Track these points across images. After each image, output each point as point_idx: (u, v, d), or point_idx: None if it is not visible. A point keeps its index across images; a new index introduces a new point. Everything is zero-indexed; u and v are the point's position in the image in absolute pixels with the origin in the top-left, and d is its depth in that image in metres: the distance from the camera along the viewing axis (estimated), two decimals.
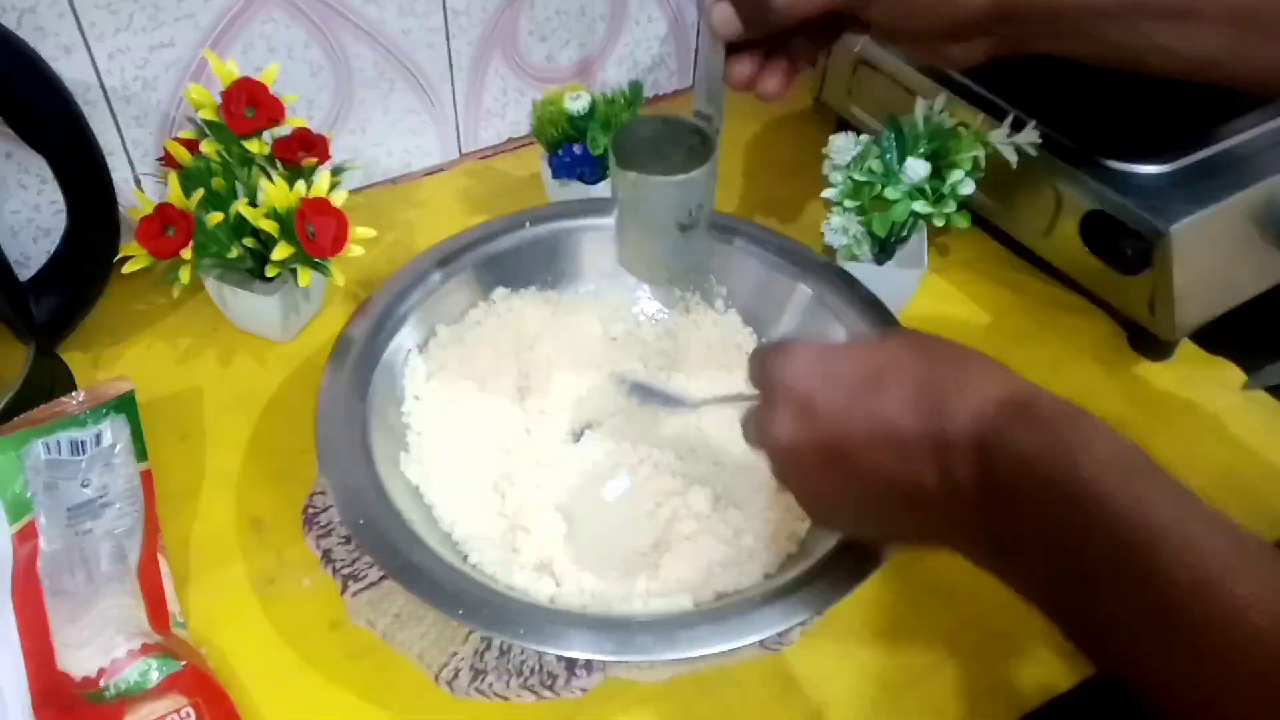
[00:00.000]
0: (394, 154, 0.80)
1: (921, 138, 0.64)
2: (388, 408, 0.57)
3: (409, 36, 0.74)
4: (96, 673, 0.46)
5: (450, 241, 0.64)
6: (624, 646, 0.44)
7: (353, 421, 0.53)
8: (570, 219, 0.67)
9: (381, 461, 0.52)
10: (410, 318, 0.60)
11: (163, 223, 0.59)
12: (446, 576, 0.47)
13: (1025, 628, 0.53)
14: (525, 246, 0.65)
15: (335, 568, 0.53)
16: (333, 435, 0.52)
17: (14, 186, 0.65)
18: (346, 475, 0.50)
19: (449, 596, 0.45)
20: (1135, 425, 0.63)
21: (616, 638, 0.45)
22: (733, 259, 0.65)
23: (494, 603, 0.46)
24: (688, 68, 0.91)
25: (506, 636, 0.45)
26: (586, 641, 0.45)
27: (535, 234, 0.65)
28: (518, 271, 0.65)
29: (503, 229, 0.65)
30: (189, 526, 0.57)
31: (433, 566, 0.47)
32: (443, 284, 0.62)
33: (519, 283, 0.65)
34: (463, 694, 0.48)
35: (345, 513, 0.49)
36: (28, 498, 0.52)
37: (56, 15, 0.60)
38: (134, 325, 0.68)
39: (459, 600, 0.45)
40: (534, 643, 0.44)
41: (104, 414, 0.56)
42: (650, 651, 0.44)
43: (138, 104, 0.67)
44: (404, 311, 0.60)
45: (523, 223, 0.65)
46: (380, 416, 0.55)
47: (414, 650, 0.50)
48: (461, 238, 0.64)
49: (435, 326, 0.62)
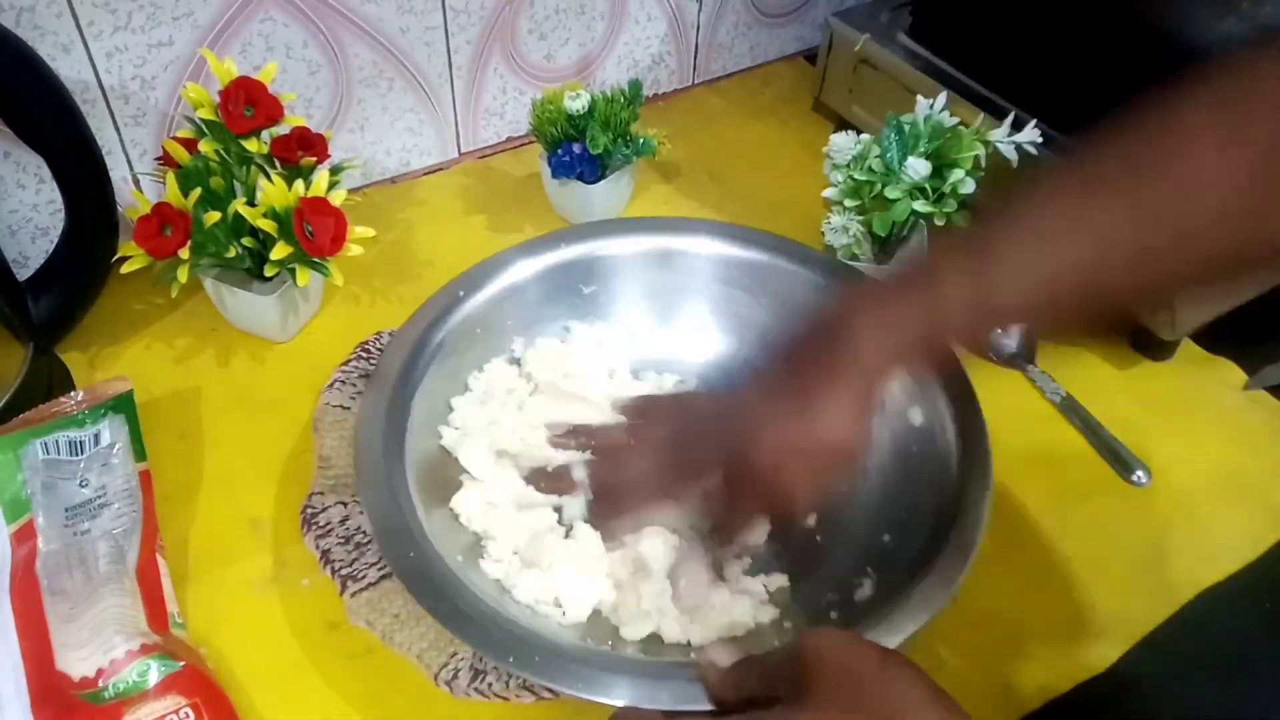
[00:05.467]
0: (393, 153, 0.80)
1: (922, 137, 0.64)
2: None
3: (408, 35, 0.74)
4: (95, 673, 0.46)
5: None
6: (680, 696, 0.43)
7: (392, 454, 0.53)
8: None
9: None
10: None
11: (160, 222, 0.59)
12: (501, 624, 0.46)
13: (1025, 628, 0.53)
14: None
15: (334, 568, 0.53)
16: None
17: (12, 186, 0.65)
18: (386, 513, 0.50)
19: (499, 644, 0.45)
20: (1136, 425, 0.63)
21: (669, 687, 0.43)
22: None
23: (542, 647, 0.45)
24: (687, 67, 0.91)
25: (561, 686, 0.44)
26: (639, 692, 0.43)
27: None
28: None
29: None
30: (188, 526, 0.57)
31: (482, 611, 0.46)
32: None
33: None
34: (462, 694, 0.48)
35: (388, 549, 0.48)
36: (26, 498, 0.52)
37: (55, 14, 0.60)
38: (132, 325, 0.68)
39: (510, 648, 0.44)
40: (580, 691, 0.43)
41: (102, 414, 0.56)
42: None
43: (136, 103, 0.66)
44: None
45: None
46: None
47: (413, 650, 0.50)
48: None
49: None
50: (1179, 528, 0.58)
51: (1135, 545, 0.57)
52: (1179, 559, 0.57)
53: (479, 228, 0.77)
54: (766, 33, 0.93)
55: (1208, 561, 0.56)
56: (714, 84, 0.93)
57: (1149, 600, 0.55)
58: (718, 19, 0.89)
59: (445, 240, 0.75)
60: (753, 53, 0.94)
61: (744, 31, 0.92)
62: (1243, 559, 0.57)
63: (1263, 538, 0.58)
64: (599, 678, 0.43)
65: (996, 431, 0.61)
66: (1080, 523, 0.59)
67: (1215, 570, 0.56)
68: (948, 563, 0.48)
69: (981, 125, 0.65)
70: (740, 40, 0.92)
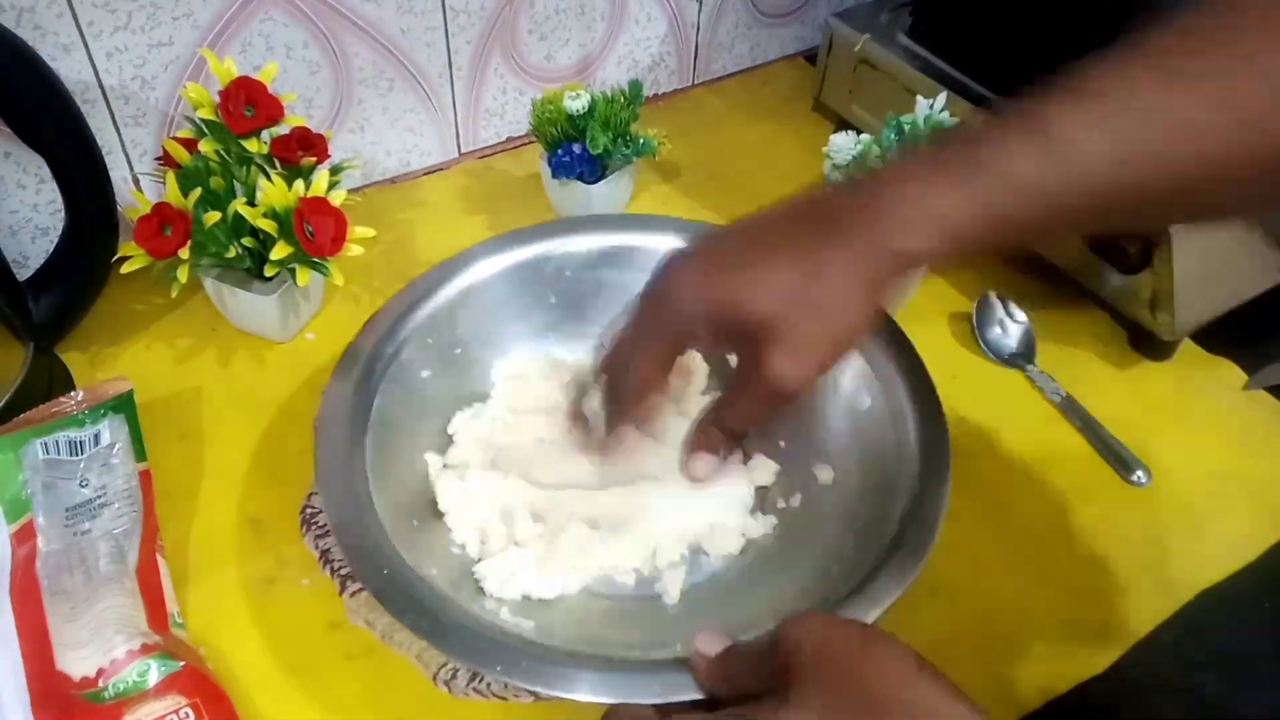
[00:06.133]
0: (393, 153, 0.80)
1: (922, 137, 0.64)
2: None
3: (408, 35, 0.74)
4: (95, 673, 0.46)
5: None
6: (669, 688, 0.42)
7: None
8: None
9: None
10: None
11: (160, 222, 0.59)
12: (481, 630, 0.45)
13: (1025, 628, 0.53)
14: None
15: (334, 568, 0.53)
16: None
17: (12, 186, 0.65)
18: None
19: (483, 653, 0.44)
20: (1136, 425, 0.63)
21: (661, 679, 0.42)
22: None
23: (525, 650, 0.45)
24: (687, 67, 0.91)
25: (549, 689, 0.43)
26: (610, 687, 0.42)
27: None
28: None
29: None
30: (188, 526, 0.57)
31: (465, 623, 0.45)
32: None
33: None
34: (461, 694, 0.48)
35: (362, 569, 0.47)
36: (26, 498, 0.52)
37: (55, 14, 0.60)
38: (132, 325, 0.68)
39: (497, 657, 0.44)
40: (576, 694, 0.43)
41: (102, 414, 0.56)
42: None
43: (136, 103, 0.67)
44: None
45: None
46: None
47: (412, 650, 0.50)
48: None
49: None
50: (1179, 528, 0.58)
51: (1135, 545, 0.57)
52: (1179, 559, 0.57)
53: (479, 228, 0.77)
54: (766, 33, 0.94)
55: (1208, 561, 0.56)
56: (714, 84, 0.93)
57: (1149, 600, 0.55)
58: (718, 19, 0.89)
59: (445, 240, 0.75)
60: (753, 53, 0.94)
61: (744, 32, 0.92)
62: (1243, 559, 0.57)
63: (1263, 538, 0.58)
64: (579, 677, 0.43)
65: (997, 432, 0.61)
66: (1080, 523, 0.58)
67: (1215, 570, 0.56)
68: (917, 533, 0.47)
69: None
70: (740, 40, 0.92)
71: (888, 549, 0.47)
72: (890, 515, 0.49)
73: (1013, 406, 0.64)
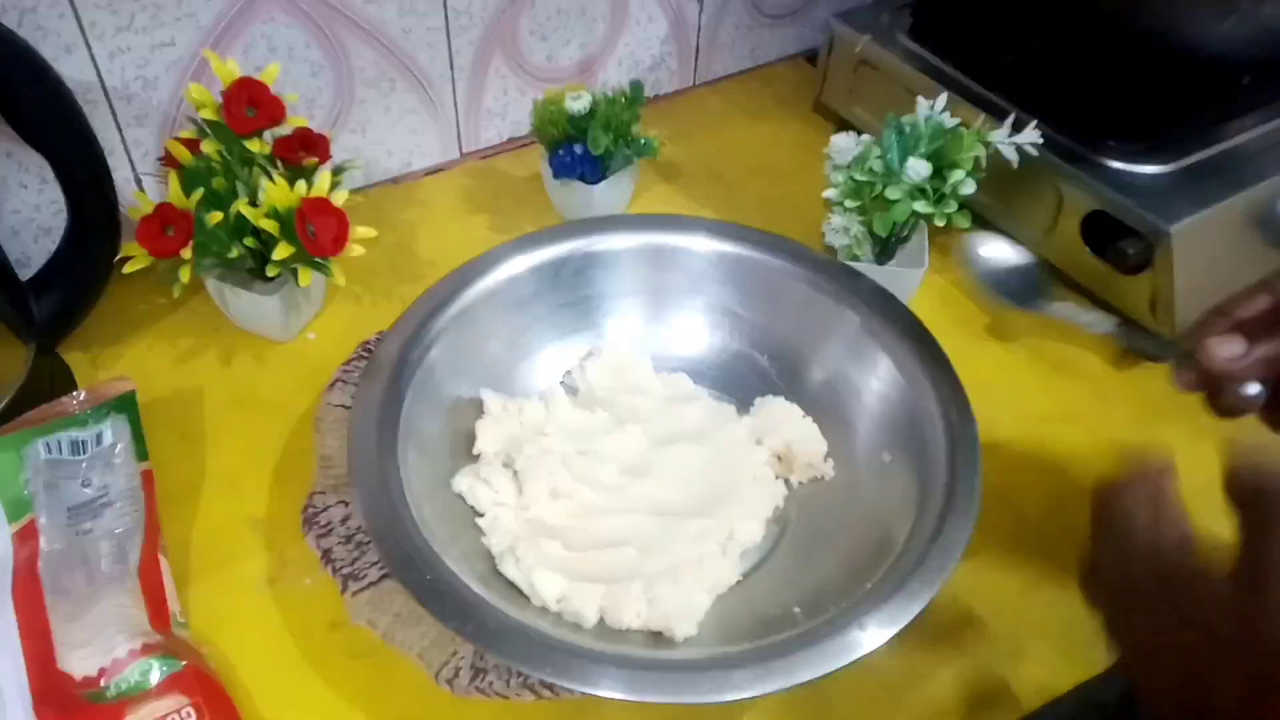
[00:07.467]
0: (394, 154, 0.80)
1: (922, 137, 0.64)
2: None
3: (409, 36, 0.74)
4: (97, 673, 0.46)
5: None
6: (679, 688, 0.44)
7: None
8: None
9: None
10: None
11: (163, 222, 0.59)
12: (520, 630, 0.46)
13: (1025, 628, 0.53)
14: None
15: (335, 567, 0.53)
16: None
17: (15, 186, 0.66)
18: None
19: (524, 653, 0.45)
20: (1135, 425, 0.63)
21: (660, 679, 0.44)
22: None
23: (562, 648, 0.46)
24: (688, 68, 0.91)
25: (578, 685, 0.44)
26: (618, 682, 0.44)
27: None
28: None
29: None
30: (190, 526, 0.57)
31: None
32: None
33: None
34: (463, 693, 0.48)
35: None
36: (28, 497, 0.52)
37: (57, 15, 0.60)
38: (134, 325, 0.68)
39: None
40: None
41: (104, 414, 0.56)
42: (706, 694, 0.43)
43: (138, 103, 0.67)
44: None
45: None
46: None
47: (414, 649, 0.50)
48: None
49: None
50: None
51: None
52: None
53: (480, 228, 0.77)
54: (767, 33, 0.94)
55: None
56: (715, 85, 0.93)
57: None
58: (718, 20, 0.89)
59: (447, 241, 0.75)
60: (753, 53, 0.94)
61: (744, 32, 0.92)
62: None
63: None
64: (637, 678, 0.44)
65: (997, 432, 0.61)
66: (1080, 523, 0.58)
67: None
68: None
69: (982, 126, 0.65)
70: (741, 41, 0.92)
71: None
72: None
73: (1013, 407, 0.64)
